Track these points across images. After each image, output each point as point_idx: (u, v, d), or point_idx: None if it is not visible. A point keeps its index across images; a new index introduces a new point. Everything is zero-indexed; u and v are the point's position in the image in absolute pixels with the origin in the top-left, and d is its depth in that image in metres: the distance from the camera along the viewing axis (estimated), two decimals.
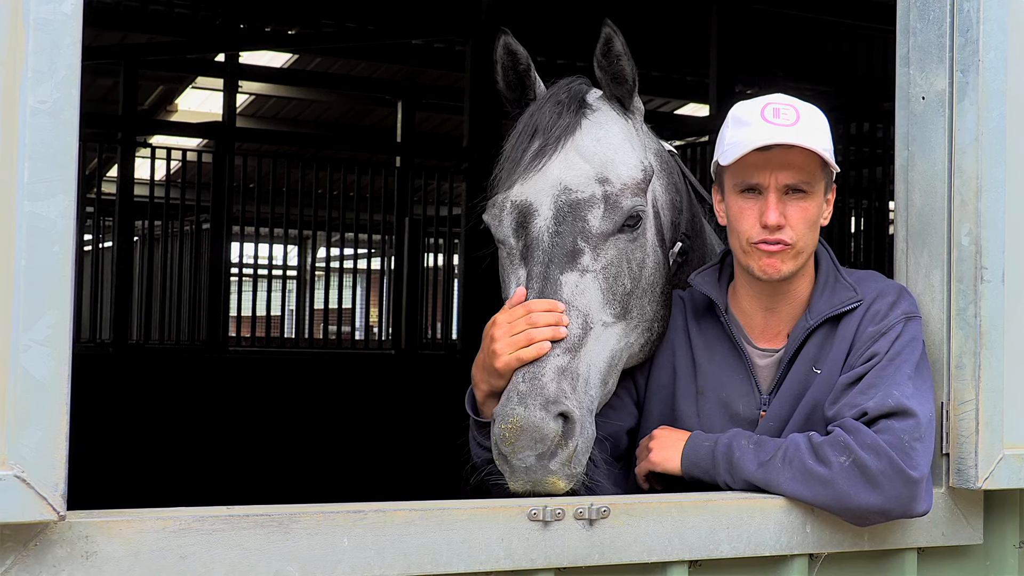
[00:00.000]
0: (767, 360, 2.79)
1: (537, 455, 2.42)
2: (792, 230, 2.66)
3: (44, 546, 1.97)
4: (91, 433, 3.42)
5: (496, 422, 2.46)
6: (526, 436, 2.41)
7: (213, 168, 11.72)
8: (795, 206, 2.66)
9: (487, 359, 2.58)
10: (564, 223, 2.66)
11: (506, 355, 2.52)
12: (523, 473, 2.44)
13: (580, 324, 2.59)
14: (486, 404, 2.65)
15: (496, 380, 2.57)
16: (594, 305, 2.63)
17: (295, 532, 2.13)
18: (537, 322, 2.52)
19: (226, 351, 11.40)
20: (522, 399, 2.45)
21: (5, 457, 1.91)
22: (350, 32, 12.38)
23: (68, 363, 1.96)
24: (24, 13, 1.95)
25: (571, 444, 2.46)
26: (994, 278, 2.71)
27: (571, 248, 2.65)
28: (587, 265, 2.65)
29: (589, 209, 2.68)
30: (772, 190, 2.65)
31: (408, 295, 11.95)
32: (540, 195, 2.70)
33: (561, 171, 2.71)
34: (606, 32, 2.76)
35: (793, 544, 2.57)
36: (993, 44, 2.73)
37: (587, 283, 2.64)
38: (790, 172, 2.64)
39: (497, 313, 2.62)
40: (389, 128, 14.92)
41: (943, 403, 2.73)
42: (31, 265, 1.93)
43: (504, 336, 2.54)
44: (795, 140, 2.61)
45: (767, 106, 2.68)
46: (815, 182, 2.67)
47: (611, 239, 2.69)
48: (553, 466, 2.44)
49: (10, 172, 1.94)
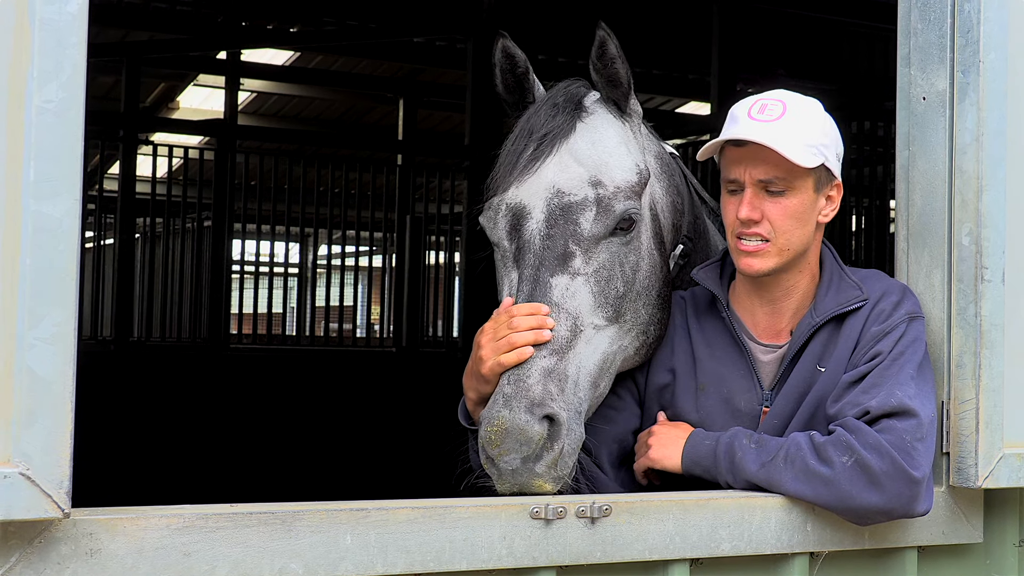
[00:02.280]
0: (769, 356, 2.80)
1: (522, 458, 2.41)
2: (770, 224, 2.66)
3: (49, 543, 1.97)
4: (92, 431, 3.42)
5: (482, 425, 2.46)
6: (511, 439, 2.41)
7: (215, 165, 11.73)
8: (773, 202, 2.67)
9: (474, 365, 2.59)
10: (556, 226, 2.66)
11: (490, 360, 2.52)
12: (509, 476, 2.44)
13: (569, 327, 2.58)
14: (476, 411, 2.64)
15: (483, 386, 2.57)
16: (584, 308, 2.62)
17: (298, 530, 2.14)
18: (518, 326, 2.52)
19: (227, 348, 11.41)
20: (507, 401, 2.45)
21: (10, 455, 1.92)
22: (352, 30, 12.38)
23: (73, 361, 1.96)
24: (30, 13, 1.95)
25: (557, 446, 2.45)
26: (994, 278, 2.72)
27: (562, 251, 2.64)
28: (578, 268, 2.64)
29: (581, 212, 2.67)
30: (748, 185, 2.66)
31: (409, 293, 11.96)
32: (533, 198, 2.70)
33: (554, 174, 2.71)
34: (600, 35, 2.74)
35: (794, 543, 2.58)
36: (994, 45, 2.74)
37: (578, 286, 2.63)
38: (763, 168, 2.65)
39: (488, 321, 2.63)
40: (390, 126, 14.92)
41: (943, 402, 2.74)
42: (37, 264, 1.94)
43: (489, 342, 2.54)
44: (761, 138, 2.61)
45: (756, 103, 2.70)
46: (792, 178, 2.66)
47: (603, 242, 2.68)
48: (539, 469, 2.43)
49: (16, 171, 1.94)
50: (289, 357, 11.47)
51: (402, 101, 14.24)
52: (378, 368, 11.17)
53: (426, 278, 12.59)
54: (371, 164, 12.86)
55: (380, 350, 12.56)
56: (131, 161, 11.41)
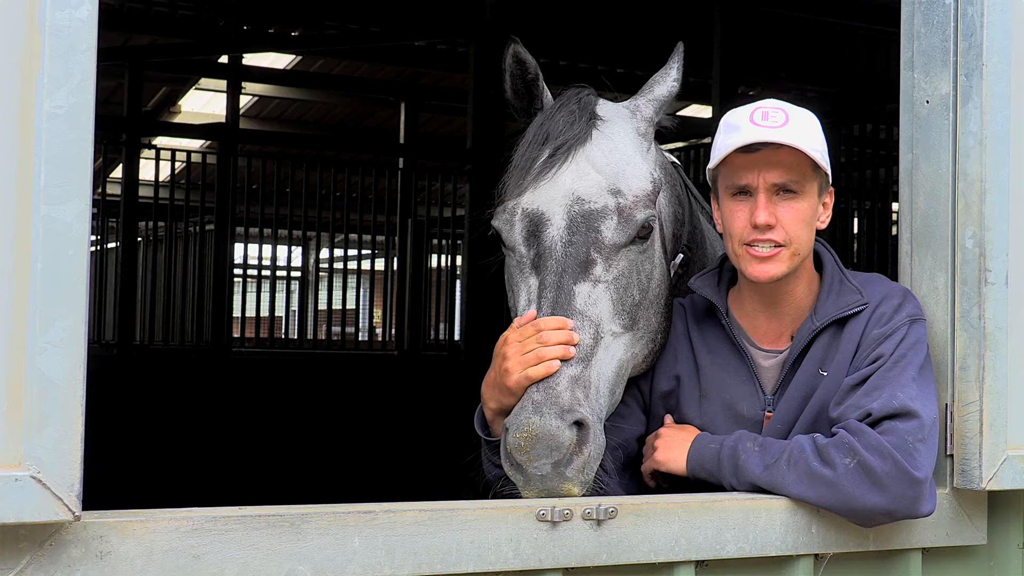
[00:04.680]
0: (771, 361, 2.81)
1: (553, 463, 2.42)
2: (784, 230, 2.67)
3: (59, 546, 1.98)
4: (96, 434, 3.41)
5: (510, 431, 2.46)
6: (542, 444, 2.41)
7: (217, 169, 11.74)
8: (786, 206, 2.67)
9: (498, 377, 2.58)
10: (577, 233, 2.67)
11: (517, 373, 2.52)
12: (538, 481, 2.44)
13: (592, 334, 2.60)
14: (496, 422, 2.65)
15: (507, 398, 2.56)
16: (605, 315, 2.64)
17: (307, 532, 2.15)
18: (548, 340, 2.52)
19: (230, 352, 11.42)
20: (537, 408, 2.45)
21: (21, 458, 1.93)
22: (353, 34, 12.40)
23: (83, 365, 1.97)
24: (40, 19, 1.97)
25: (585, 451, 2.47)
26: (998, 280, 2.72)
27: (584, 258, 2.65)
28: (599, 275, 2.66)
29: (602, 220, 2.69)
30: (762, 190, 2.67)
31: (411, 296, 11.96)
32: (552, 204, 2.70)
33: (573, 181, 2.72)
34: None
35: (799, 544, 2.59)
36: (997, 48, 2.75)
37: (599, 293, 2.65)
38: (778, 171, 2.66)
39: (508, 330, 2.62)
40: (392, 129, 14.94)
41: (947, 404, 2.75)
42: (47, 268, 1.95)
43: (516, 354, 2.54)
44: (780, 139, 2.63)
45: (756, 110, 2.70)
46: (805, 182, 2.68)
47: (623, 250, 2.70)
48: (569, 473, 2.45)
49: (27, 176, 1.96)
50: (291, 361, 11.47)
51: (404, 105, 14.26)
52: (380, 372, 11.18)
53: (428, 281, 12.59)
54: (373, 168, 12.87)
55: (382, 354, 12.56)
56: (133, 165, 11.41)
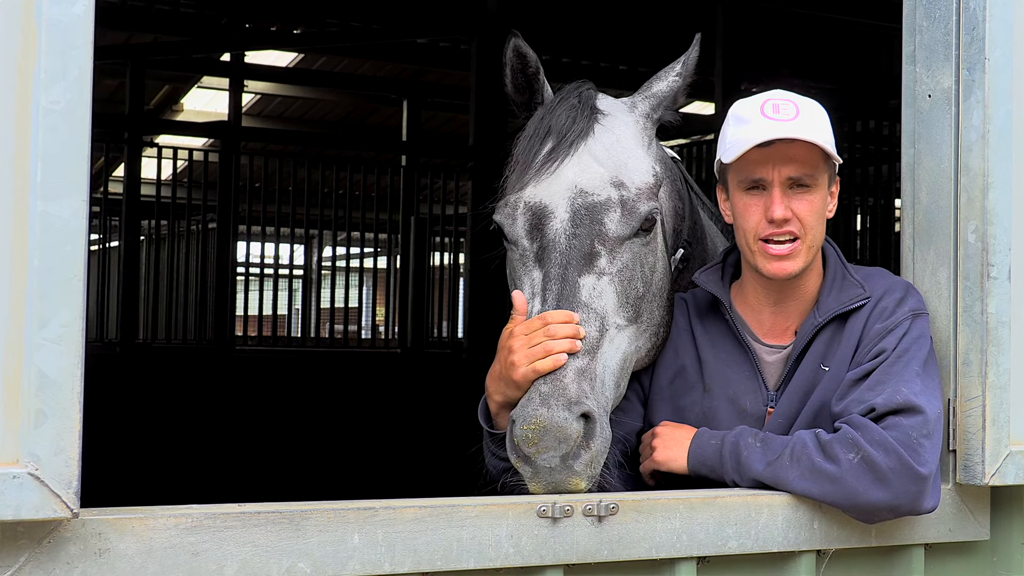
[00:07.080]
0: (774, 357, 2.80)
1: (561, 456, 2.41)
2: (800, 223, 2.67)
3: (58, 543, 1.98)
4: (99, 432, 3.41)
5: (517, 423, 2.44)
6: (550, 436, 2.40)
7: (219, 167, 11.73)
8: (801, 199, 2.67)
9: (504, 370, 2.56)
10: (581, 225, 2.66)
11: (524, 366, 2.50)
12: (546, 474, 2.43)
13: (597, 327, 2.59)
14: (500, 415, 2.63)
15: (512, 391, 2.55)
16: (610, 308, 2.63)
17: (306, 529, 2.14)
18: (555, 334, 2.51)
19: (232, 350, 11.41)
20: (544, 400, 2.44)
21: (19, 455, 1.92)
22: (355, 31, 12.40)
23: (81, 362, 1.97)
24: (37, 14, 1.96)
25: (593, 445, 2.45)
26: (1000, 275, 2.71)
27: (588, 250, 2.64)
28: (604, 268, 2.65)
29: (606, 212, 2.68)
30: (776, 184, 2.66)
31: (414, 294, 11.96)
32: (555, 197, 2.69)
33: (575, 174, 2.71)
34: None
35: (801, 540, 2.58)
36: (999, 42, 2.74)
37: (604, 286, 2.64)
38: (793, 166, 2.65)
39: (511, 323, 2.61)
40: (394, 127, 14.94)
41: (950, 400, 2.74)
42: (44, 264, 1.95)
43: (522, 348, 2.51)
44: (796, 134, 2.62)
45: (767, 102, 2.69)
46: (818, 175, 2.68)
47: (626, 243, 2.69)
48: (577, 467, 2.44)
49: (23, 172, 1.95)
50: (294, 358, 11.48)
51: (406, 102, 14.25)
52: (383, 369, 11.17)
53: (431, 279, 12.59)
54: (375, 165, 12.88)
55: (385, 351, 12.57)
56: (136, 163, 11.41)
